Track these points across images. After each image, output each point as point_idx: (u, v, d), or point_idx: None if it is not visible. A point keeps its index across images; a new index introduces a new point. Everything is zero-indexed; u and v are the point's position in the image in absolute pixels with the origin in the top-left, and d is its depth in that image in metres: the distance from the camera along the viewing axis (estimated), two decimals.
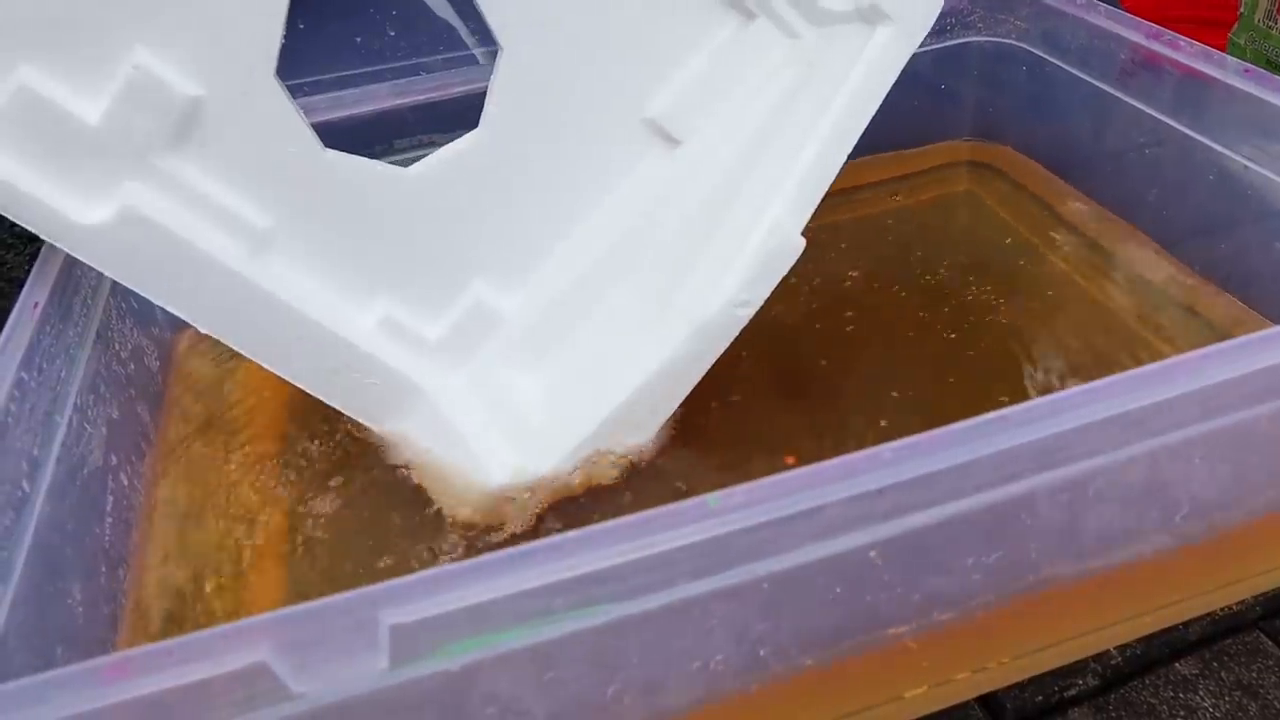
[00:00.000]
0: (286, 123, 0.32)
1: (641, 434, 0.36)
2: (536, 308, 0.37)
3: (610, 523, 0.21)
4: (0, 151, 0.29)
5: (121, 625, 0.32)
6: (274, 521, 0.35)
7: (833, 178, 0.34)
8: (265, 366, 0.34)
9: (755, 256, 0.34)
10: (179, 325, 0.42)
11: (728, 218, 0.35)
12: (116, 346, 0.37)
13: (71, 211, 0.30)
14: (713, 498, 0.21)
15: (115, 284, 0.37)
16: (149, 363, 0.40)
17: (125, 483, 0.35)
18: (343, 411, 0.36)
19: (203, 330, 0.33)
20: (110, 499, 0.33)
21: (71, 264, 0.35)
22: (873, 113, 0.34)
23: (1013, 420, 0.23)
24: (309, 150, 0.33)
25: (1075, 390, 0.24)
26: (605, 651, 0.24)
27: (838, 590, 0.25)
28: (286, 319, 0.34)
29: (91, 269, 0.36)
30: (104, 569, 0.31)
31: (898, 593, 0.26)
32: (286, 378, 0.35)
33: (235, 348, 0.34)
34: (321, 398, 0.36)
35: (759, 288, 0.34)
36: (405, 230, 0.35)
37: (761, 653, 0.26)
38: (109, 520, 0.33)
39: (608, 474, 0.35)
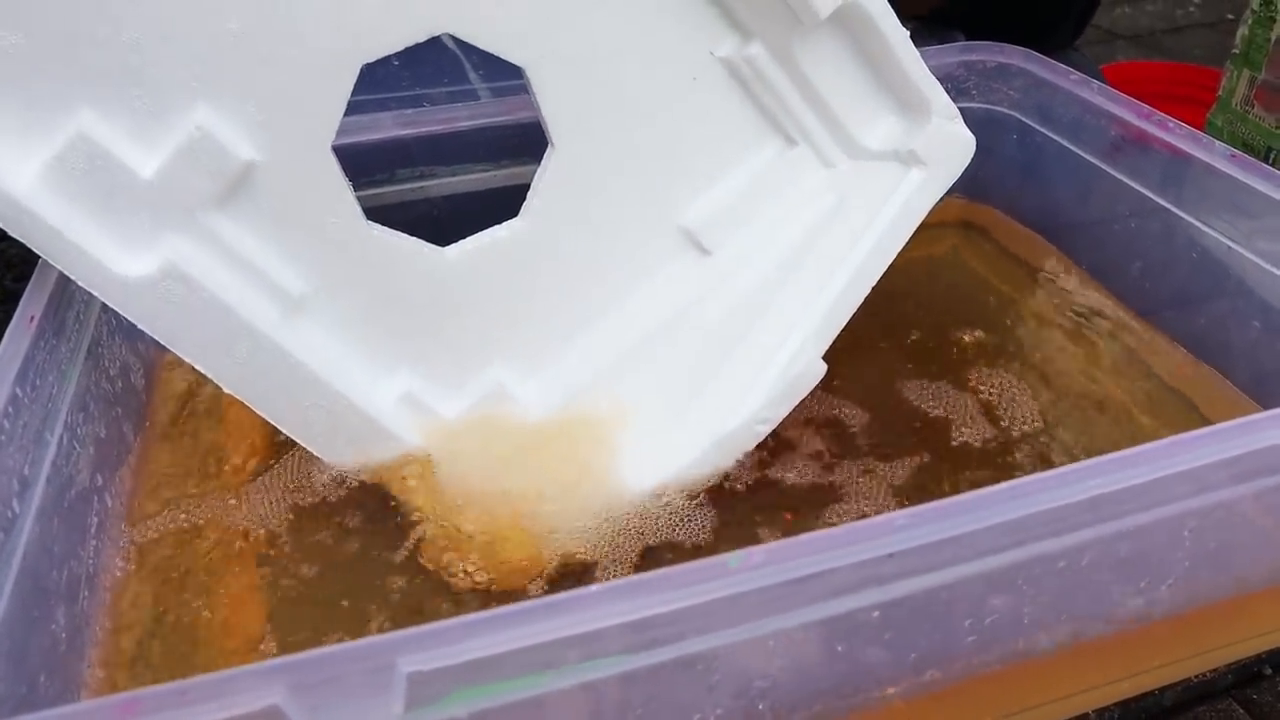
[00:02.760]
0: (333, 192, 0.33)
1: None
2: (554, 397, 0.38)
3: (633, 577, 0.21)
4: (51, 197, 0.29)
5: (98, 650, 0.31)
6: (253, 543, 0.35)
7: (856, 307, 0.37)
8: (281, 429, 0.34)
9: (779, 379, 0.36)
10: None
11: (751, 336, 0.37)
12: (106, 363, 0.36)
13: (113, 262, 0.30)
14: (732, 558, 0.21)
15: None
16: (135, 380, 0.39)
17: (109, 503, 0.34)
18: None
19: (225, 390, 0.33)
20: (95, 519, 0.33)
21: (66, 277, 0.34)
22: (899, 249, 0.37)
23: (1023, 490, 0.24)
24: (351, 221, 0.33)
25: (1074, 467, 0.25)
26: (609, 702, 0.24)
27: (839, 649, 0.25)
28: (309, 386, 0.34)
29: None
30: (86, 593, 0.31)
31: (894, 652, 0.27)
32: (300, 441, 0.35)
33: (255, 409, 0.34)
34: (332, 463, 0.36)
35: (779, 408, 0.36)
36: (435, 309, 0.36)
37: (760, 707, 0.26)
38: (93, 542, 0.32)
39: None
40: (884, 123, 0.38)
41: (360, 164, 0.44)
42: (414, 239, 0.35)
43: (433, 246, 0.35)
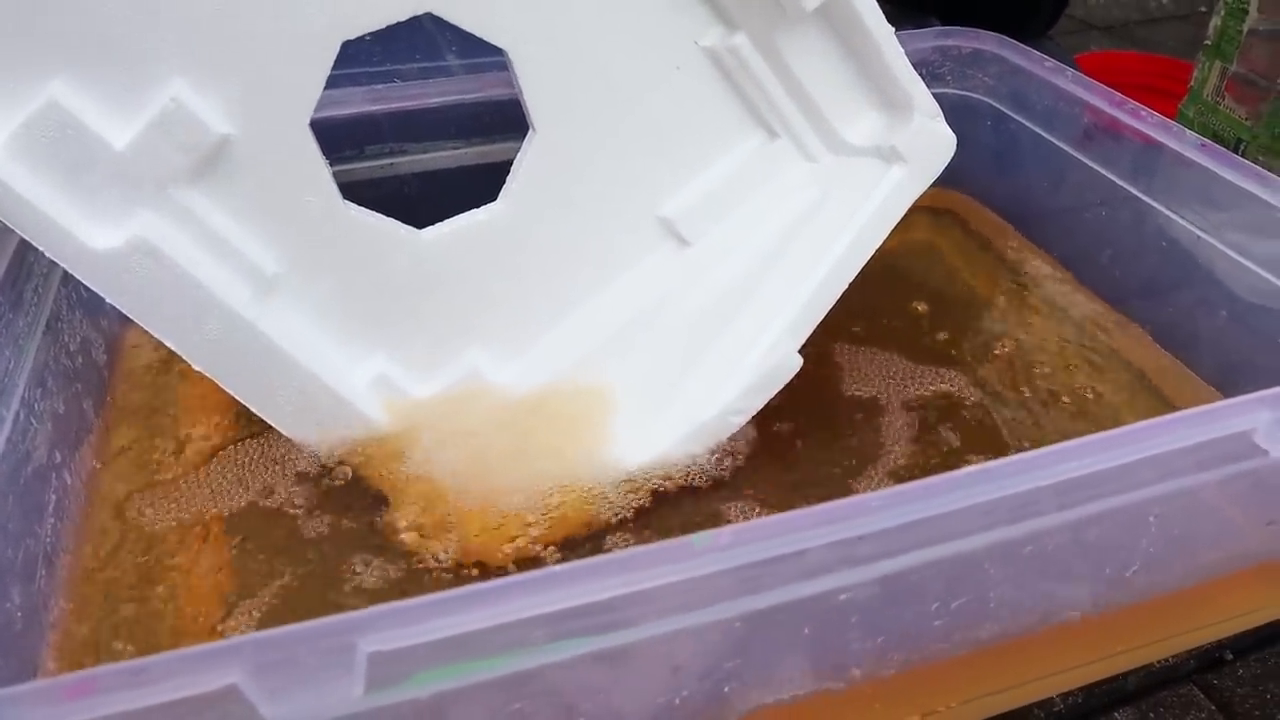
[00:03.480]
0: (311, 171, 0.32)
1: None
2: (530, 382, 0.37)
3: (598, 558, 0.21)
4: (19, 165, 0.28)
5: (56, 631, 0.30)
6: (216, 523, 0.35)
7: (833, 302, 0.36)
8: (250, 408, 0.34)
9: (755, 371, 0.36)
10: (127, 318, 0.40)
11: (729, 327, 0.37)
12: (65, 338, 0.36)
13: (83, 234, 0.29)
14: (698, 538, 0.21)
15: (67, 272, 0.36)
16: (96, 356, 0.39)
17: (68, 481, 0.33)
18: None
19: (195, 367, 0.32)
20: (53, 497, 0.32)
21: (25, 248, 0.33)
22: (878, 244, 0.37)
23: (992, 474, 0.24)
24: (328, 201, 0.33)
25: (1042, 451, 0.25)
26: (573, 684, 0.23)
27: (805, 631, 0.25)
28: (281, 366, 0.33)
29: (44, 254, 0.35)
30: (43, 572, 0.30)
31: (861, 635, 0.27)
32: (269, 420, 0.34)
33: (225, 387, 0.33)
34: (301, 442, 0.35)
35: (754, 399, 0.36)
36: (412, 292, 0.35)
37: (726, 690, 0.26)
38: (51, 520, 0.31)
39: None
40: (867, 118, 0.38)
41: (329, 140, 0.43)
42: (391, 220, 0.34)
43: (410, 228, 0.35)
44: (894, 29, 0.35)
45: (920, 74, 0.36)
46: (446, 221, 0.35)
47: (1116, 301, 0.44)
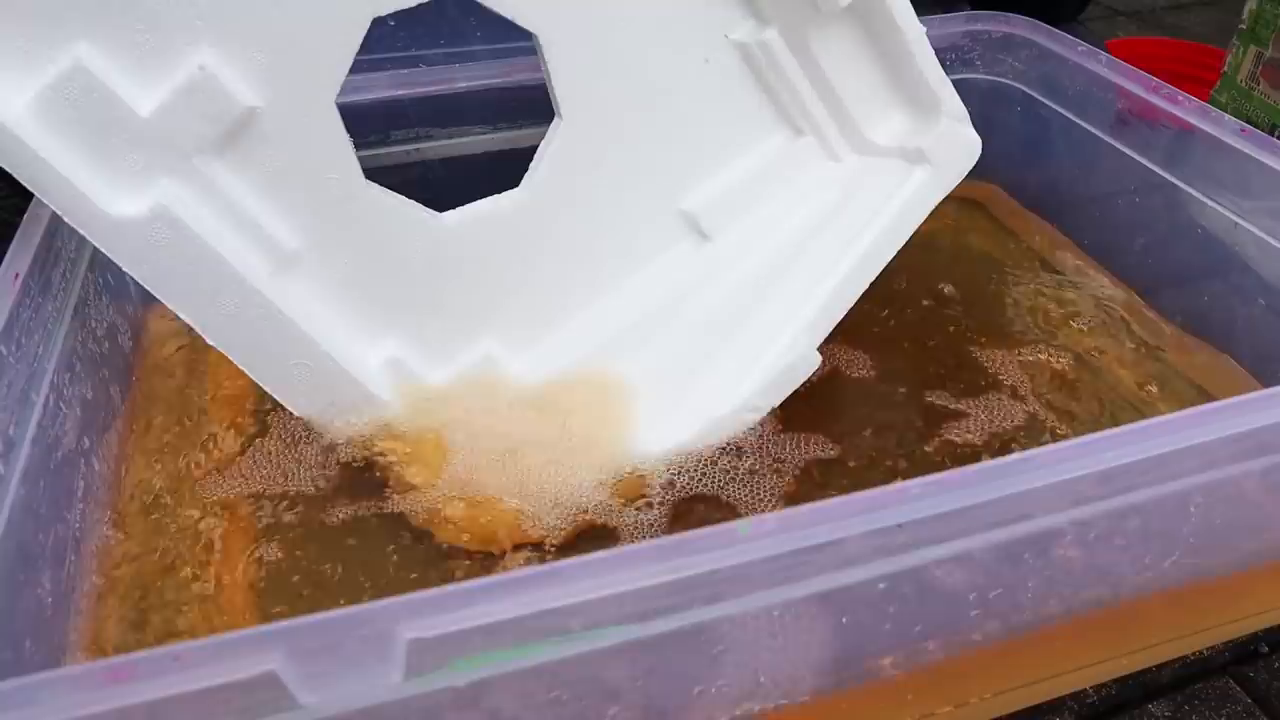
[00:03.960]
0: (335, 150, 0.32)
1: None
2: (543, 372, 0.37)
3: (637, 545, 0.21)
4: (44, 128, 0.28)
5: (85, 616, 0.30)
6: (242, 508, 0.34)
7: (853, 302, 0.36)
8: (260, 384, 0.34)
9: (772, 369, 0.35)
10: (151, 303, 0.40)
11: (747, 324, 0.36)
12: (93, 323, 0.35)
13: (104, 201, 0.29)
14: (743, 525, 0.21)
15: (94, 257, 0.36)
16: (122, 341, 0.39)
17: (96, 466, 0.33)
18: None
19: (209, 342, 0.32)
20: (81, 483, 0.32)
21: (53, 233, 0.33)
22: (900, 246, 0.36)
23: (1030, 464, 0.24)
24: (351, 181, 0.33)
25: (1083, 440, 0.25)
26: (610, 673, 0.23)
27: (843, 620, 0.25)
28: (295, 344, 0.33)
29: (73, 239, 0.35)
30: (72, 557, 0.30)
31: (897, 625, 0.26)
32: (278, 397, 0.34)
33: (236, 361, 0.33)
34: (310, 420, 0.35)
35: (771, 396, 0.36)
36: (430, 276, 0.35)
37: (762, 679, 0.26)
38: (80, 505, 0.31)
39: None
40: (893, 119, 0.37)
41: (356, 125, 0.43)
42: (412, 203, 0.34)
43: (431, 212, 0.34)
44: (925, 21, 0.35)
45: (950, 59, 0.36)
46: (467, 206, 0.35)
47: (1150, 290, 0.44)
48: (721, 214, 0.38)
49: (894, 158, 0.37)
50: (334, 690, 0.20)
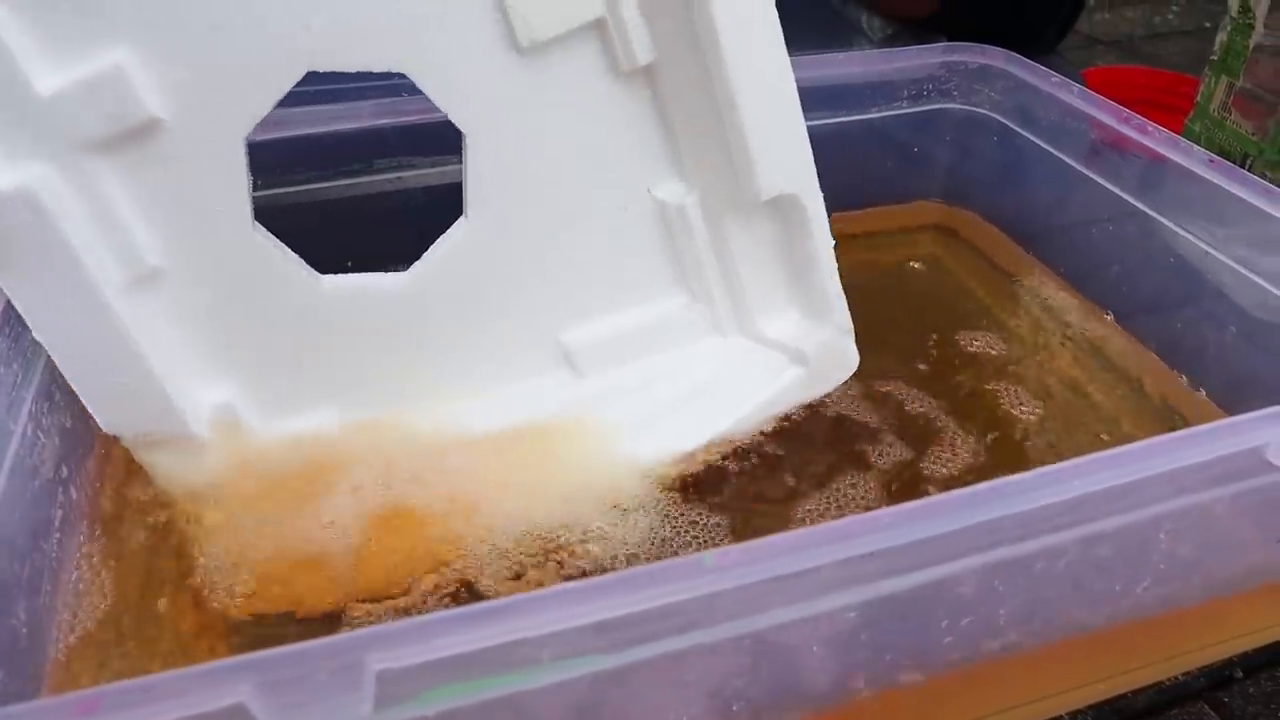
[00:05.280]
0: (230, 185, 0.31)
1: None
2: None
3: (606, 576, 0.21)
4: None
5: (60, 646, 0.30)
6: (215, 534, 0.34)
7: None
8: (79, 395, 0.32)
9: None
10: None
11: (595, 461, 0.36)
12: None
13: None
14: (708, 556, 0.21)
15: None
16: None
17: (74, 495, 0.33)
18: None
19: (34, 334, 0.31)
20: (59, 512, 0.32)
21: None
22: (754, 431, 0.38)
23: (1001, 491, 0.24)
24: (238, 220, 0.32)
25: (1054, 468, 0.25)
26: (580, 703, 0.23)
27: (814, 649, 0.25)
28: (125, 359, 0.32)
29: None
30: (49, 587, 0.30)
31: (870, 653, 0.27)
32: (85, 402, 0.33)
33: (55, 359, 0.31)
34: (106, 430, 0.34)
35: None
36: (293, 333, 0.34)
37: (735, 708, 0.26)
38: (56, 535, 0.31)
39: None
40: (785, 315, 0.38)
41: (337, 153, 0.44)
42: (296, 258, 0.33)
43: (312, 271, 0.34)
44: (903, 53, 0.35)
45: (928, 89, 0.36)
46: (351, 275, 0.34)
47: (1124, 317, 0.44)
48: (599, 356, 0.38)
49: (776, 351, 0.38)
50: None
